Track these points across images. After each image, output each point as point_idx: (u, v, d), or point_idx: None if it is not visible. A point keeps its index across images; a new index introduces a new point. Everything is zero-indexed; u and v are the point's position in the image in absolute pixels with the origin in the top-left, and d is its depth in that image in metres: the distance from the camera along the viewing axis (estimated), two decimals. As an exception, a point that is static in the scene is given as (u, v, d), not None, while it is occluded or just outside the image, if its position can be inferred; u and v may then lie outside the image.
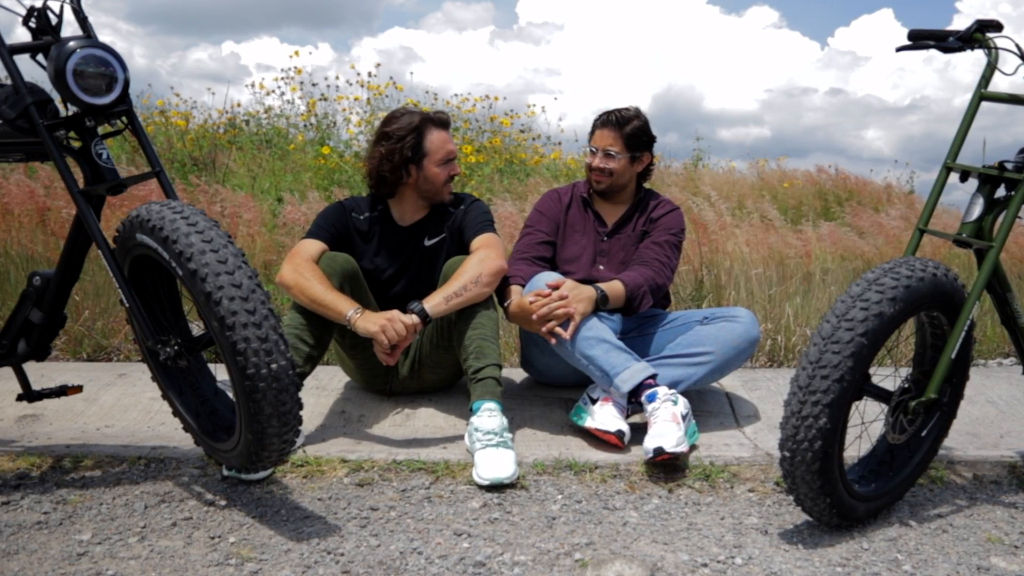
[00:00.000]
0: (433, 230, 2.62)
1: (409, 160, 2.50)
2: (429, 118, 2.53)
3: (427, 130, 2.51)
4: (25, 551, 1.76)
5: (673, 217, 2.71)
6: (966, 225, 1.99)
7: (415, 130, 2.50)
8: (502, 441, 2.20)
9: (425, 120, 2.52)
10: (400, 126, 2.51)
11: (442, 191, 2.58)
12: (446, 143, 2.54)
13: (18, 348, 2.20)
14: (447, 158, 2.54)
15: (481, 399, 2.30)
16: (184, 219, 1.74)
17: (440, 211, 2.64)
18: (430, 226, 2.63)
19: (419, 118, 2.52)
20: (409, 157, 2.50)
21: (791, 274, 4.19)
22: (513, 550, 1.81)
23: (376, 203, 2.64)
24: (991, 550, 1.87)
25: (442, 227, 2.63)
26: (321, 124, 7.31)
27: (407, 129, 2.50)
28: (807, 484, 1.80)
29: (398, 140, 2.49)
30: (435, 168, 2.52)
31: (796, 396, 1.78)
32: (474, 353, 2.36)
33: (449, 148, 2.54)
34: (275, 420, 1.72)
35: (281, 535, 1.85)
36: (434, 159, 2.52)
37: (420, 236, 2.61)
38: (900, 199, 6.89)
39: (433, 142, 2.51)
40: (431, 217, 2.64)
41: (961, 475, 2.29)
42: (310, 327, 2.35)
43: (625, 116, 2.64)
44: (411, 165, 2.51)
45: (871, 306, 1.77)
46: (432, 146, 2.51)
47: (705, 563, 1.77)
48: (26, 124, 1.90)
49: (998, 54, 1.99)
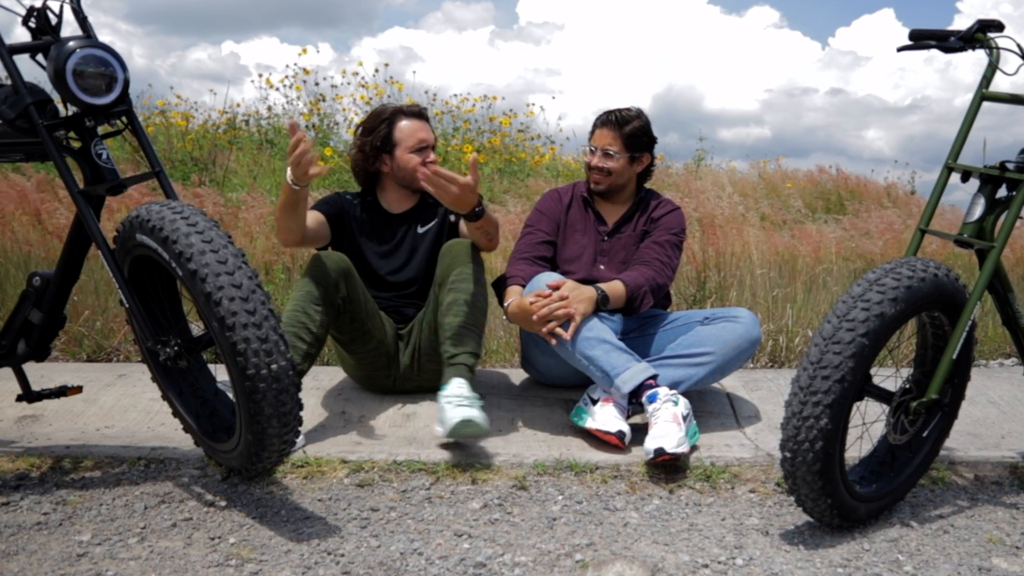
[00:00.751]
0: (426, 217, 2.74)
1: (381, 149, 2.65)
2: (400, 109, 2.68)
3: (397, 120, 2.66)
4: (25, 552, 1.76)
5: (674, 217, 2.71)
6: (967, 225, 1.99)
7: (385, 121, 2.65)
8: (471, 400, 2.25)
9: (396, 112, 2.67)
10: (373, 118, 2.68)
11: (417, 178, 2.60)
12: (417, 131, 2.64)
13: (18, 349, 2.19)
14: (418, 145, 2.64)
15: (452, 378, 2.32)
16: (184, 219, 1.74)
17: (429, 201, 2.75)
18: (422, 214, 2.74)
19: (391, 110, 2.68)
20: (380, 146, 2.65)
21: (796, 275, 4.18)
22: (514, 551, 1.80)
23: (366, 194, 2.77)
24: (992, 551, 1.87)
25: (435, 214, 2.74)
26: (322, 124, 7.30)
27: (378, 120, 2.66)
28: (808, 485, 1.80)
29: (370, 132, 2.66)
30: (406, 155, 2.64)
31: (797, 397, 1.78)
32: (451, 339, 2.39)
33: (420, 136, 2.64)
34: (275, 421, 1.71)
35: (281, 536, 1.85)
36: (405, 146, 2.64)
37: (412, 223, 2.73)
38: (901, 199, 6.88)
39: (402, 130, 2.64)
40: (422, 205, 2.76)
41: (962, 476, 2.28)
42: (307, 324, 2.35)
43: (625, 116, 2.64)
44: (384, 154, 2.66)
45: (872, 306, 1.76)
46: (401, 135, 2.64)
47: (706, 564, 1.76)
48: (26, 124, 1.90)
49: (999, 54, 1.99)
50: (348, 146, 6.97)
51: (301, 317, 2.35)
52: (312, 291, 2.37)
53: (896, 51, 2.14)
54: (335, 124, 7.42)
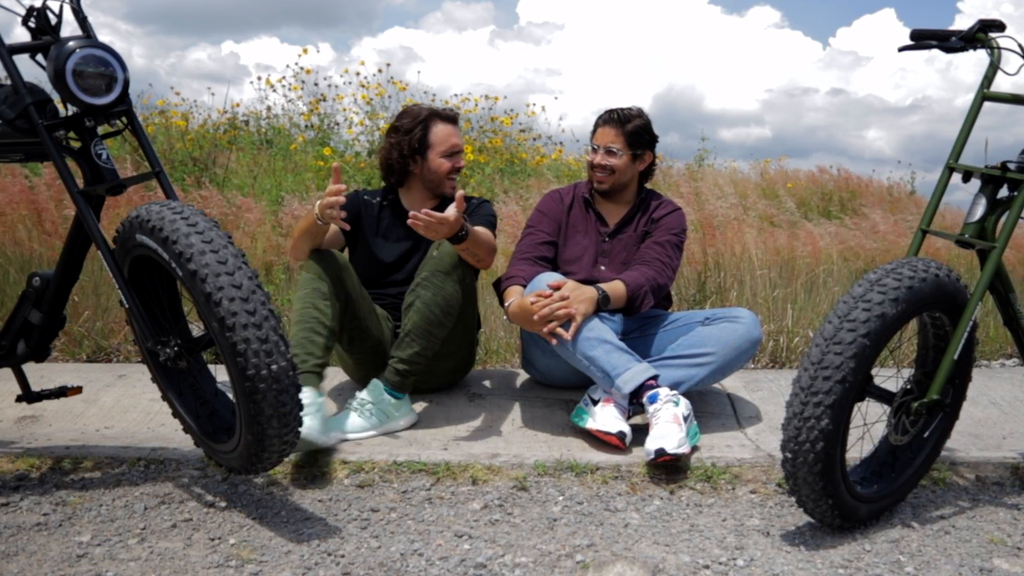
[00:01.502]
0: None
1: (415, 151, 2.66)
2: (436, 112, 2.70)
3: (432, 123, 2.67)
4: (24, 553, 1.76)
5: (675, 217, 2.70)
6: (969, 226, 1.98)
7: (421, 123, 2.66)
8: (360, 407, 2.38)
9: (432, 114, 2.68)
10: (408, 119, 2.68)
11: (444, 182, 2.70)
12: (450, 136, 2.67)
13: (17, 349, 2.19)
14: (451, 151, 2.67)
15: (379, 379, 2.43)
16: (184, 219, 1.74)
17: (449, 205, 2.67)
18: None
19: (427, 112, 2.69)
20: (416, 148, 2.66)
21: (797, 275, 4.17)
22: (514, 552, 1.80)
23: (388, 192, 2.78)
24: (994, 552, 1.86)
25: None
26: (323, 124, 7.30)
27: (414, 122, 2.67)
28: (809, 485, 1.80)
29: (406, 132, 2.66)
30: (438, 159, 2.66)
31: (798, 397, 1.77)
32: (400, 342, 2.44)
33: (453, 141, 2.68)
34: (275, 421, 1.71)
35: (281, 536, 1.84)
36: (437, 151, 2.66)
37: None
38: (902, 199, 6.88)
39: (437, 135, 2.66)
40: (443, 208, 2.65)
41: (964, 476, 2.28)
42: (320, 319, 2.35)
43: (627, 114, 2.65)
44: (417, 156, 2.67)
45: (873, 307, 1.76)
46: (436, 138, 2.66)
47: (707, 565, 1.76)
48: (25, 124, 1.90)
49: (1001, 54, 1.99)
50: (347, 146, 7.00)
51: (313, 312, 2.36)
52: (319, 287, 2.38)
53: (897, 51, 2.14)
54: (335, 124, 7.42)
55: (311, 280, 2.39)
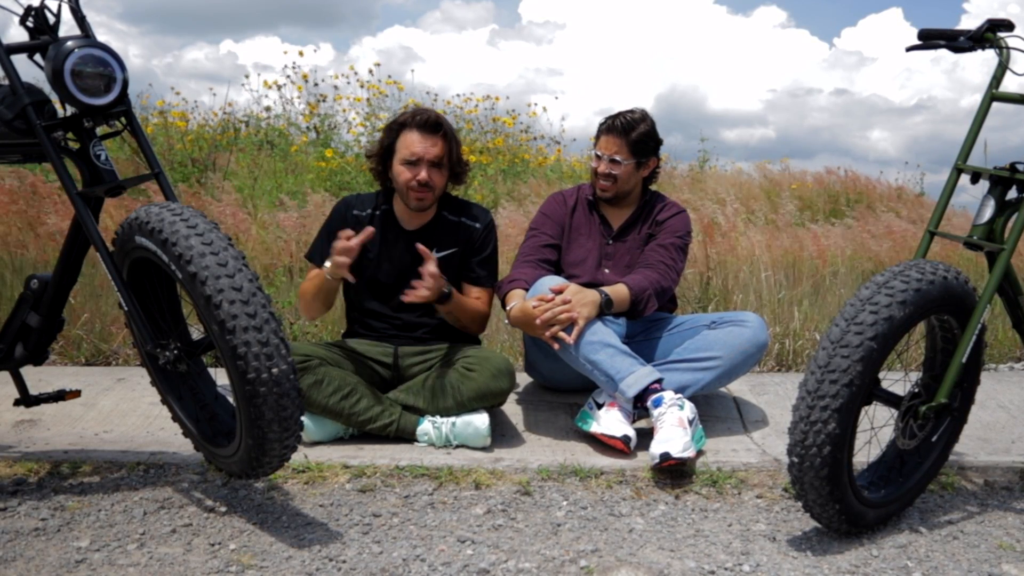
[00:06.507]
0: (444, 241, 2.54)
1: (383, 157, 2.52)
2: (411, 120, 2.47)
3: (404, 130, 2.47)
4: (23, 558, 1.74)
5: (679, 220, 2.68)
6: (977, 227, 1.97)
7: (396, 128, 2.49)
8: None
9: (406, 122, 2.48)
10: (388, 124, 2.55)
11: (407, 194, 2.46)
12: (412, 144, 2.43)
13: (15, 352, 2.17)
14: (409, 159, 2.43)
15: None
16: (184, 221, 1.72)
17: (450, 221, 2.57)
18: (440, 236, 2.54)
19: (404, 118, 2.49)
20: (383, 155, 2.52)
21: (803, 277, 4.15)
22: (517, 557, 1.78)
23: (380, 201, 2.60)
24: (1002, 557, 1.84)
25: (455, 240, 2.55)
26: (323, 125, 7.29)
27: (389, 127, 2.52)
28: (816, 490, 1.78)
29: (384, 136, 2.52)
30: (398, 166, 2.46)
31: (805, 401, 1.76)
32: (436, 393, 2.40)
33: (413, 149, 2.42)
34: (276, 425, 1.69)
35: (282, 542, 1.82)
36: (398, 157, 2.47)
37: (429, 246, 2.42)
38: (910, 201, 6.85)
39: (402, 141, 2.46)
40: (439, 224, 2.56)
41: (972, 481, 2.26)
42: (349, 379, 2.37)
43: (631, 121, 2.59)
44: (387, 162, 2.52)
45: (881, 310, 1.74)
46: (400, 144, 2.47)
47: (712, 570, 1.74)
48: (23, 125, 1.88)
49: (1009, 54, 1.97)
50: (348, 147, 6.99)
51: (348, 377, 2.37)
52: (327, 370, 2.35)
53: (905, 51, 2.12)
54: (336, 125, 7.41)
55: (313, 370, 2.32)
